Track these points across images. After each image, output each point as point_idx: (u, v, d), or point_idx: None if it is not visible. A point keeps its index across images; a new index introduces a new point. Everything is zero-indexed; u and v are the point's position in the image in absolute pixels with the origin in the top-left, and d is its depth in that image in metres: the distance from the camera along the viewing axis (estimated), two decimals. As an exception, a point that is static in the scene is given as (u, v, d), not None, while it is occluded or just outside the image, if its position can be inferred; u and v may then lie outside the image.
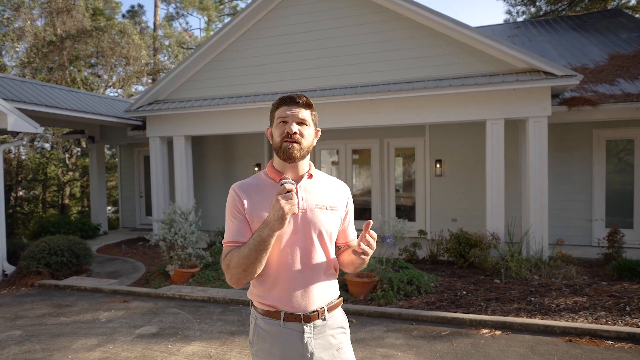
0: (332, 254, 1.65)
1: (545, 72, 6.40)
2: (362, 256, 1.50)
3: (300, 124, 1.56)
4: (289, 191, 1.40)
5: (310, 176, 1.64)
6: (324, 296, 1.60)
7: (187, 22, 42.17)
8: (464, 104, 6.82)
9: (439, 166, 8.76)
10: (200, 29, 31.06)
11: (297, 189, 1.53)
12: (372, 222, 1.49)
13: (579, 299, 4.82)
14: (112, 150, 17.61)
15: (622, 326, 4.05)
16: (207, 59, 8.35)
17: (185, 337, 4.21)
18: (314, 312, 1.56)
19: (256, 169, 9.96)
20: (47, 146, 17.85)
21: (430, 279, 5.58)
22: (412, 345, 3.90)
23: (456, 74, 6.86)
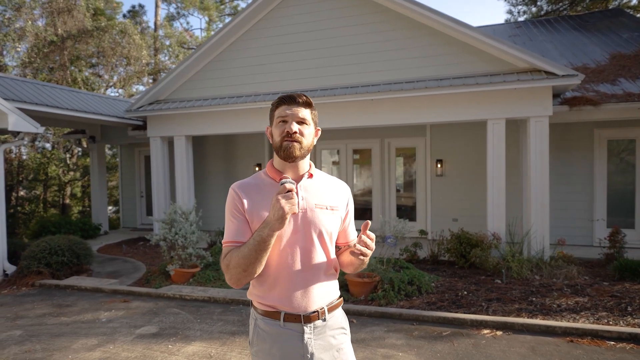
0: (333, 254, 1.64)
1: (546, 71, 6.38)
2: (361, 257, 1.49)
3: (300, 123, 1.55)
4: (289, 191, 1.39)
5: (310, 176, 1.63)
6: (324, 296, 1.59)
7: (187, 22, 42.29)
8: (465, 103, 6.81)
9: (439, 166, 8.75)
10: (201, 28, 31.04)
11: (297, 188, 1.52)
12: (370, 223, 1.48)
13: (580, 299, 4.81)
14: (113, 150, 17.62)
15: (624, 327, 4.04)
16: (207, 59, 8.35)
17: (185, 337, 4.20)
18: (314, 312, 1.55)
19: (257, 168, 9.96)
20: (48, 146, 17.87)
21: (431, 279, 5.57)
22: (413, 345, 3.89)
23: (457, 73, 6.85)
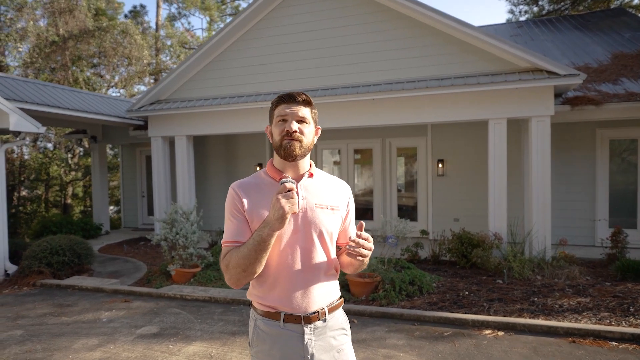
0: (333, 254, 1.63)
1: (548, 71, 6.36)
2: (359, 258, 1.47)
3: (300, 121, 1.54)
4: (290, 190, 1.38)
5: (310, 175, 1.61)
6: (325, 297, 1.58)
7: (189, 22, 42.28)
8: (466, 103, 6.79)
9: (441, 166, 8.73)
10: (202, 29, 31.08)
11: (297, 188, 1.51)
12: (364, 224, 1.49)
13: (582, 299, 4.79)
14: (114, 150, 17.64)
15: (626, 327, 4.02)
16: (208, 59, 8.34)
17: (186, 337, 4.20)
18: (314, 313, 1.54)
19: (258, 168, 9.95)
20: (49, 146, 17.90)
21: (432, 279, 5.55)
22: (414, 345, 3.87)
23: (458, 73, 6.83)
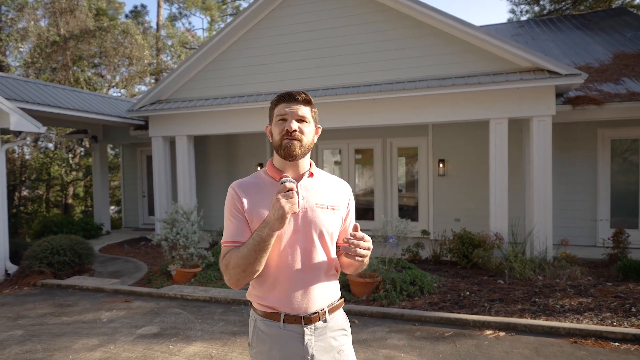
0: (333, 254, 1.62)
1: (549, 71, 6.35)
2: (358, 258, 1.45)
3: (299, 121, 1.53)
4: (290, 190, 1.37)
5: (311, 175, 1.60)
6: (325, 297, 1.57)
7: (189, 22, 42.35)
8: (467, 103, 6.78)
9: (442, 166, 8.71)
10: (203, 29, 31.08)
11: (297, 187, 1.50)
12: (359, 226, 1.50)
13: (584, 299, 4.78)
14: (115, 150, 17.66)
15: (628, 328, 4.00)
16: (209, 59, 8.34)
17: (186, 337, 4.19)
18: (314, 313, 1.53)
19: (258, 168, 9.92)
20: (50, 146, 17.92)
21: (433, 280, 5.54)
22: (415, 346, 3.86)
23: (459, 73, 6.82)
